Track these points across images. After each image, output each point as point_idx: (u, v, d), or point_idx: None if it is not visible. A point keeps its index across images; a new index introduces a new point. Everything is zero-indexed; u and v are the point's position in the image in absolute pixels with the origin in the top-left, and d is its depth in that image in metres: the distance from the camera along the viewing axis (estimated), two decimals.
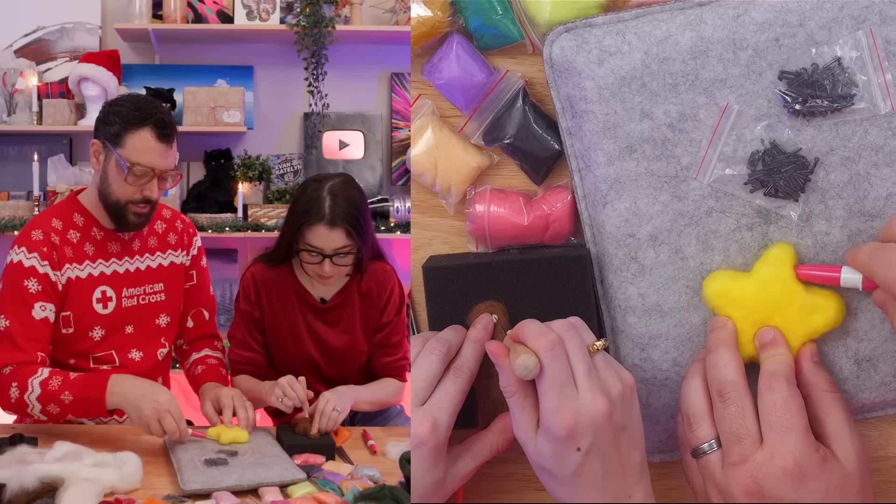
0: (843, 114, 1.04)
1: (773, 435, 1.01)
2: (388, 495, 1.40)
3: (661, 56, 1.05)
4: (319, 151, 3.53)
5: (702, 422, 1.06)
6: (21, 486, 1.40)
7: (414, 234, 1.21)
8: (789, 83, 1.04)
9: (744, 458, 1.01)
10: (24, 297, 1.80)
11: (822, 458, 1.01)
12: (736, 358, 1.05)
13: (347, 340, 2.07)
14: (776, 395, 1.02)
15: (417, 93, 1.19)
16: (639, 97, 1.06)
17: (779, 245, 1.07)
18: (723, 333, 1.07)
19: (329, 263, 1.91)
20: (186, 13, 3.37)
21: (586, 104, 1.08)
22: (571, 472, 0.99)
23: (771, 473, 1.00)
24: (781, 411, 1.01)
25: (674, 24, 1.05)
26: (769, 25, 1.04)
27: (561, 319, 1.05)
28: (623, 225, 1.09)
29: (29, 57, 3.43)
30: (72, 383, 1.72)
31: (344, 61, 3.46)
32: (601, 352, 1.03)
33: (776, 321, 1.07)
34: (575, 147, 1.12)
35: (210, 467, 1.58)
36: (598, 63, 1.06)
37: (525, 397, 1.03)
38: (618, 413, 1.00)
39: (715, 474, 1.04)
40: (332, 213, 1.88)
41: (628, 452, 1.01)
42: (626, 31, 1.06)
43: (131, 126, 1.79)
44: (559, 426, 0.98)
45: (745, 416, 1.03)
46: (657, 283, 1.10)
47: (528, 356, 1.00)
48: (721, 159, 1.06)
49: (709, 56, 1.05)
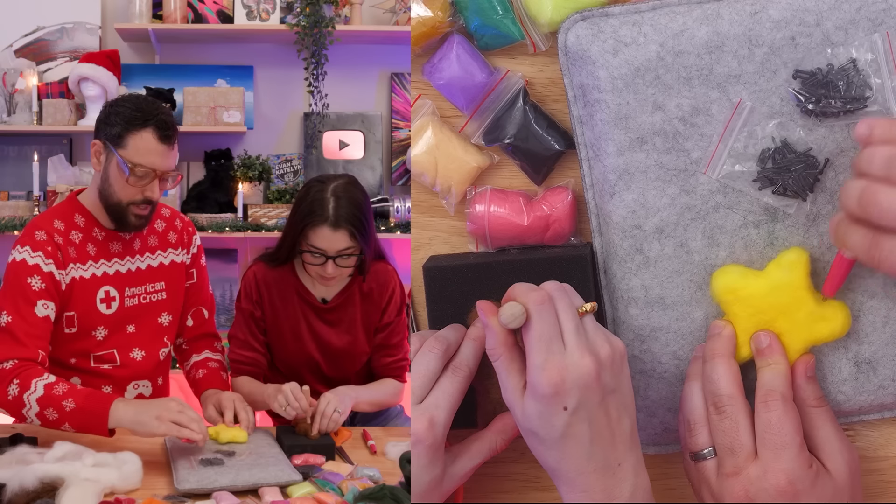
0: (856, 115, 1.04)
1: (767, 452, 1.02)
2: (388, 495, 1.40)
3: (676, 49, 1.05)
4: (319, 151, 3.53)
5: (701, 428, 1.06)
6: (21, 486, 1.40)
7: (414, 234, 1.21)
8: (803, 82, 1.04)
9: (737, 470, 1.02)
10: (26, 294, 1.79)
11: (815, 474, 1.02)
12: (731, 369, 1.05)
13: (348, 341, 2.07)
14: (772, 412, 1.02)
15: (417, 93, 1.19)
16: (652, 89, 1.06)
17: (795, 250, 1.06)
18: (719, 343, 1.07)
19: (332, 265, 1.91)
20: (186, 13, 3.37)
21: (599, 93, 1.08)
22: (559, 434, 0.98)
23: (763, 489, 1.00)
24: (776, 428, 1.02)
25: (690, 17, 1.05)
26: (786, 24, 1.04)
27: (553, 281, 1.04)
28: (630, 216, 1.09)
29: (29, 57, 3.43)
30: (77, 392, 1.69)
31: (344, 61, 3.46)
32: (590, 316, 1.02)
33: (780, 324, 1.06)
34: (585, 136, 1.11)
35: (206, 467, 1.58)
36: (612, 53, 1.06)
37: (511, 361, 1.02)
38: (606, 375, 0.99)
39: (710, 480, 1.05)
40: (335, 215, 1.88)
41: (618, 418, 1.00)
42: (643, 23, 1.06)
43: (133, 127, 1.79)
44: (546, 382, 0.97)
45: (740, 429, 1.03)
46: (661, 276, 1.10)
47: (516, 304, 1.00)
48: (731, 155, 1.06)
49: (724, 51, 1.05)
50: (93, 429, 1.67)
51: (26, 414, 1.69)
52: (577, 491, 0.99)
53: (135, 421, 1.64)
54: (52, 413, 1.67)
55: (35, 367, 1.73)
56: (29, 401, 1.68)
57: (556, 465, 1.00)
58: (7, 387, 1.70)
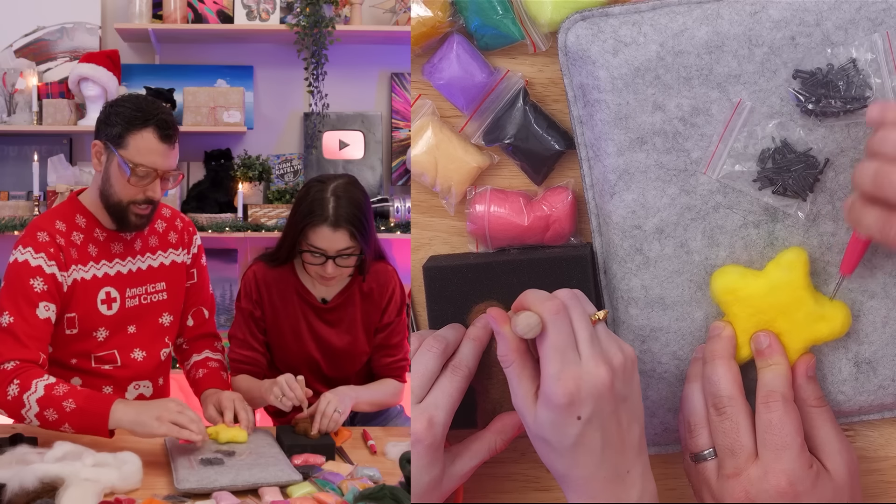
0: (856, 115, 1.04)
1: (768, 453, 1.02)
2: (388, 495, 1.40)
3: (676, 49, 1.05)
4: (319, 151, 3.52)
5: (701, 430, 1.07)
6: (21, 486, 1.40)
7: (414, 234, 1.21)
8: (803, 82, 1.04)
9: (737, 471, 1.02)
10: (28, 296, 1.79)
11: (816, 474, 1.02)
12: (731, 370, 1.05)
13: (348, 340, 2.07)
14: (772, 413, 1.02)
15: (417, 93, 1.19)
16: (652, 89, 1.06)
17: (794, 249, 1.06)
18: (719, 344, 1.07)
19: (332, 265, 1.91)
20: (186, 13, 3.37)
21: (599, 93, 1.08)
22: (571, 443, 0.98)
23: (763, 490, 1.01)
24: (777, 429, 1.02)
25: (690, 17, 1.05)
26: (786, 23, 1.04)
27: (565, 289, 1.04)
28: (630, 216, 1.09)
29: (29, 57, 3.43)
30: (77, 393, 1.69)
31: (344, 61, 3.46)
32: (602, 323, 1.03)
33: (780, 324, 1.06)
34: (585, 136, 1.11)
35: (206, 467, 1.58)
36: (612, 53, 1.06)
37: (523, 367, 1.01)
38: (619, 383, 0.99)
39: (710, 481, 1.05)
40: (335, 215, 1.88)
41: (628, 425, 1.00)
42: (643, 23, 1.06)
43: (133, 127, 1.79)
44: (561, 392, 0.97)
45: (740, 431, 1.03)
46: (661, 276, 1.10)
47: (531, 314, 0.99)
48: (731, 155, 1.06)
49: (724, 51, 1.05)
50: (93, 430, 1.67)
51: (26, 414, 1.69)
52: (585, 497, 0.99)
53: (135, 422, 1.64)
54: (52, 414, 1.67)
55: (35, 369, 1.73)
56: (29, 401, 1.68)
57: (566, 472, 1.00)
58: (7, 387, 1.70)
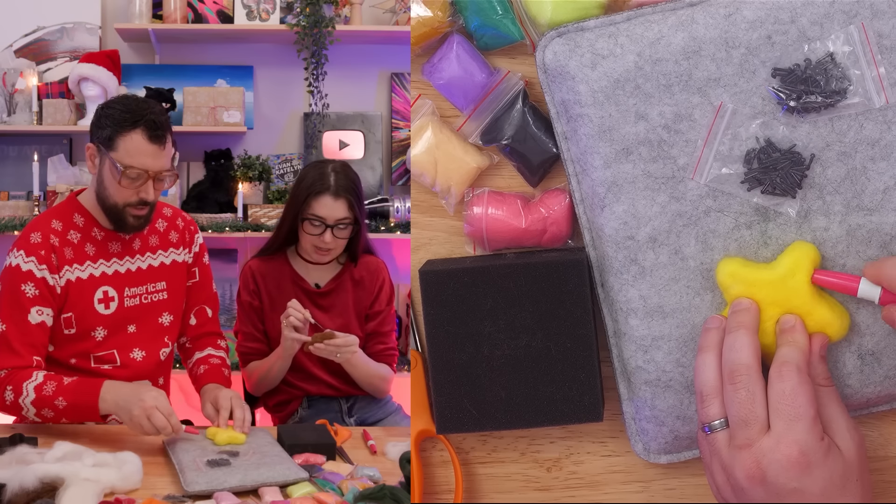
0: (838, 109, 1.04)
1: (780, 423, 1.00)
2: (388, 495, 1.40)
3: (653, 57, 1.05)
4: (319, 151, 3.53)
5: (713, 399, 1.05)
6: (21, 486, 1.40)
7: (414, 235, 1.21)
8: (783, 80, 1.04)
9: (749, 442, 1.01)
10: (20, 302, 1.80)
11: (827, 447, 1.01)
12: (754, 342, 1.04)
13: (341, 324, 2.19)
14: (786, 383, 1.01)
15: (417, 93, 1.19)
16: (633, 99, 1.06)
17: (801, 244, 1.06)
18: (745, 317, 1.06)
19: (330, 234, 2.09)
20: (186, 13, 3.37)
21: (581, 108, 1.08)
22: None
23: (775, 460, 1.00)
24: (790, 399, 1.01)
25: (665, 24, 1.05)
26: (761, 23, 1.04)
27: None
28: (622, 227, 1.09)
29: (29, 57, 3.44)
30: (65, 389, 1.72)
31: (344, 61, 3.46)
32: None
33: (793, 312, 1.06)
34: (571, 151, 1.12)
35: (213, 468, 1.58)
36: (591, 67, 1.06)
37: None
38: None
39: (721, 452, 1.04)
40: (336, 185, 2.11)
41: None
42: (619, 34, 1.06)
43: (122, 129, 1.79)
44: None
45: (755, 401, 1.02)
46: (658, 285, 1.09)
47: None
48: (717, 158, 1.06)
49: (701, 56, 1.05)
50: (88, 419, 1.77)
51: (27, 416, 1.76)
52: None
53: (117, 410, 1.72)
54: (48, 412, 1.74)
55: (25, 370, 1.76)
56: (25, 405, 1.74)
57: None
58: (3, 394, 1.76)
